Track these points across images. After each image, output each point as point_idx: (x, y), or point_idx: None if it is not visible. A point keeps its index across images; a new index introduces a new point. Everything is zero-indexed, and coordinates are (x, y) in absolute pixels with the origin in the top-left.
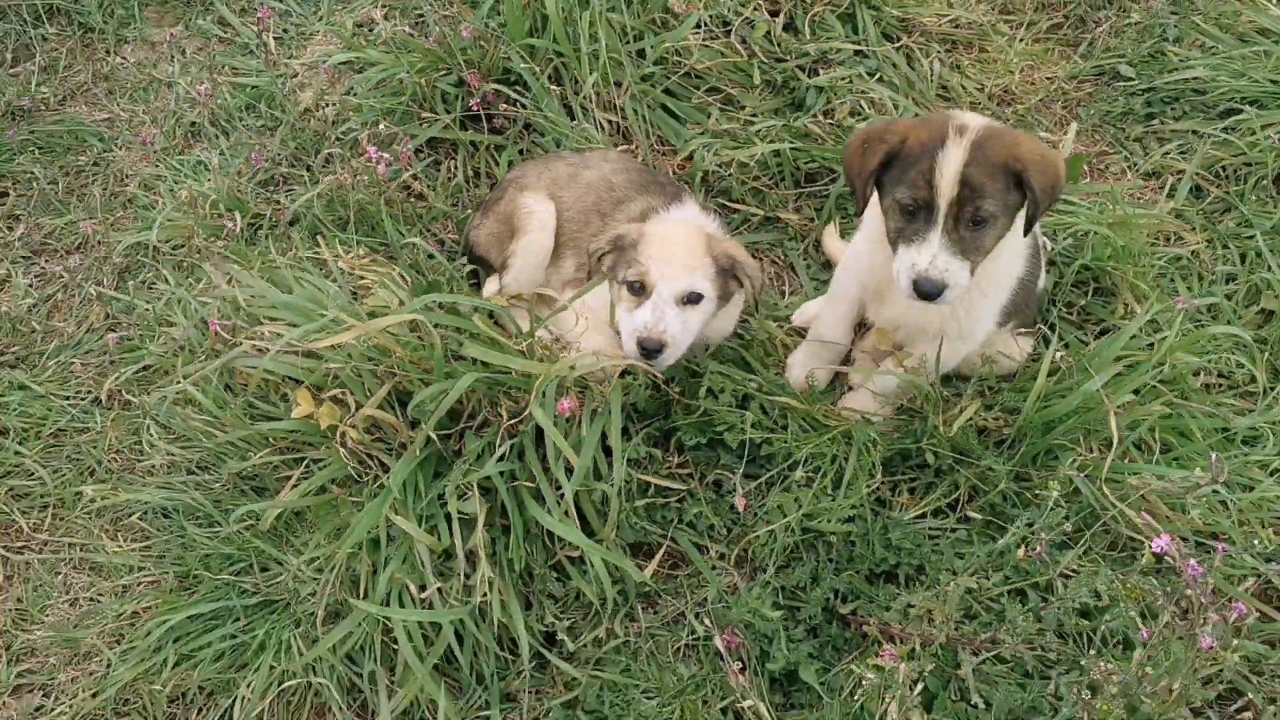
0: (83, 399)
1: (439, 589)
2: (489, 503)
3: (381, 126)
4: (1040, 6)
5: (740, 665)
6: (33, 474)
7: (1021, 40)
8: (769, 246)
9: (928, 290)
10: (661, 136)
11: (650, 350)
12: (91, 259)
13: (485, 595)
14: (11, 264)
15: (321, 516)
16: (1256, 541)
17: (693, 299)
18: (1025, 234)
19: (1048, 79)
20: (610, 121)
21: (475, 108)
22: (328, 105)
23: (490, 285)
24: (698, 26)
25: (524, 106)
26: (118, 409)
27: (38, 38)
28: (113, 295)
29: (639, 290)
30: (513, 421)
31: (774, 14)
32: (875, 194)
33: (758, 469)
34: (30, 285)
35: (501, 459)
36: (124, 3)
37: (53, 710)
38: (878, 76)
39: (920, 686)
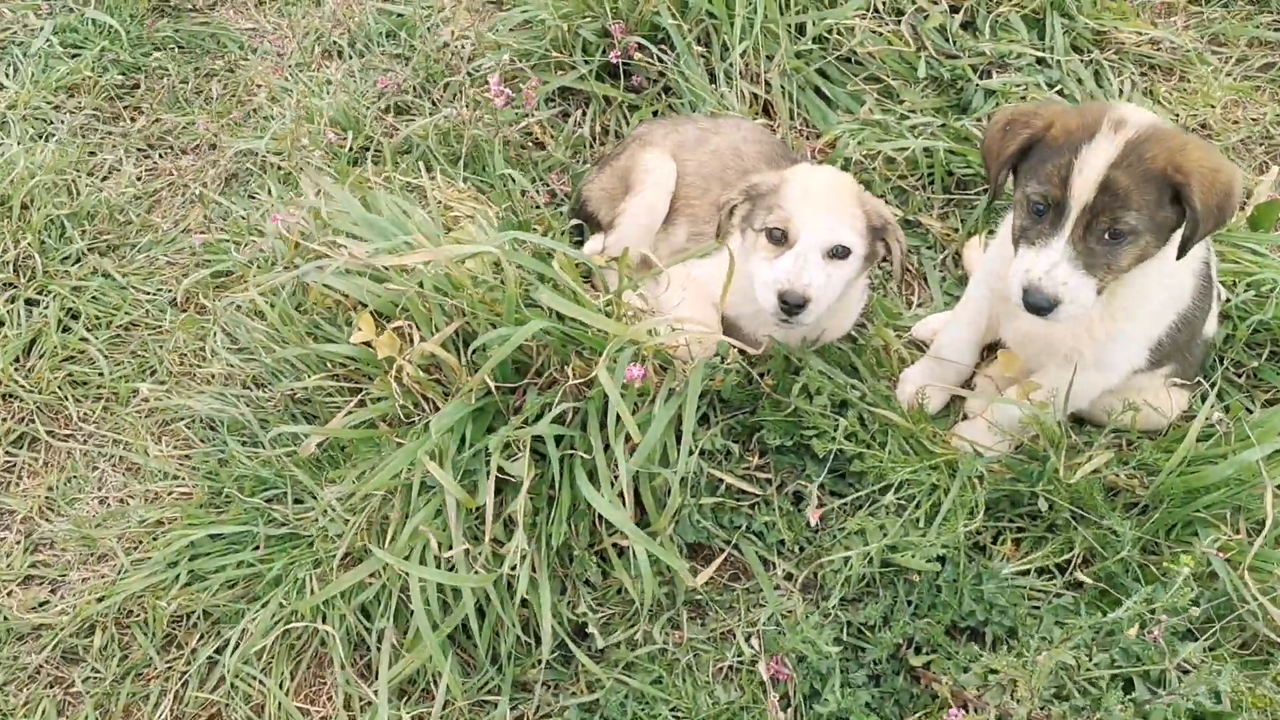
0: (161, 297)
1: (466, 550)
2: (538, 469)
3: (508, 58)
4: (1256, 42)
5: (785, 701)
6: (94, 363)
7: (1229, 75)
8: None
9: (1036, 302)
10: (807, 119)
11: (792, 305)
12: (203, 161)
13: (515, 568)
14: (125, 153)
15: (363, 454)
16: None
17: (839, 253)
18: (1179, 257)
19: (1252, 119)
20: (754, 94)
21: (615, 59)
22: (466, 40)
23: (593, 243)
24: (865, 9)
25: (664, 64)
26: (191, 311)
27: None
28: (214, 199)
29: (780, 239)
30: (579, 383)
31: (954, 9)
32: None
33: (844, 486)
34: (139, 177)
35: (559, 421)
36: None
37: (55, 608)
38: (1058, 88)
39: None
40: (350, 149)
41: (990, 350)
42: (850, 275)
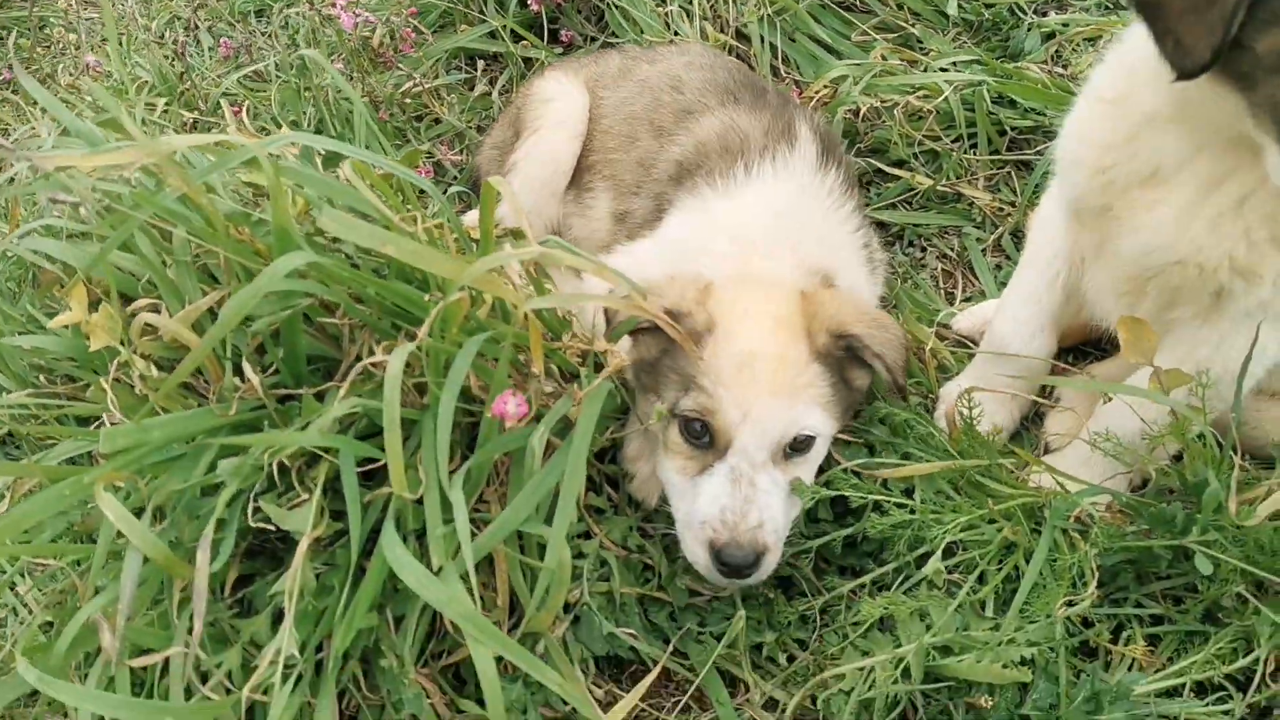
0: None
1: (186, 658)
2: (339, 524)
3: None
4: None
5: None
6: None
7: None
8: (939, 233)
9: None
10: (799, 79)
11: (737, 565)
12: None
13: (269, 692)
14: None
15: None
16: None
17: (800, 445)
18: None
19: None
20: (728, 47)
21: (535, 7)
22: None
23: (473, 215)
24: None
25: (604, 5)
26: None
27: None
28: None
29: (702, 437)
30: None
31: None
32: None
33: (857, 557)
34: None
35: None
36: None
37: None
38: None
39: None
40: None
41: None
42: (821, 457)
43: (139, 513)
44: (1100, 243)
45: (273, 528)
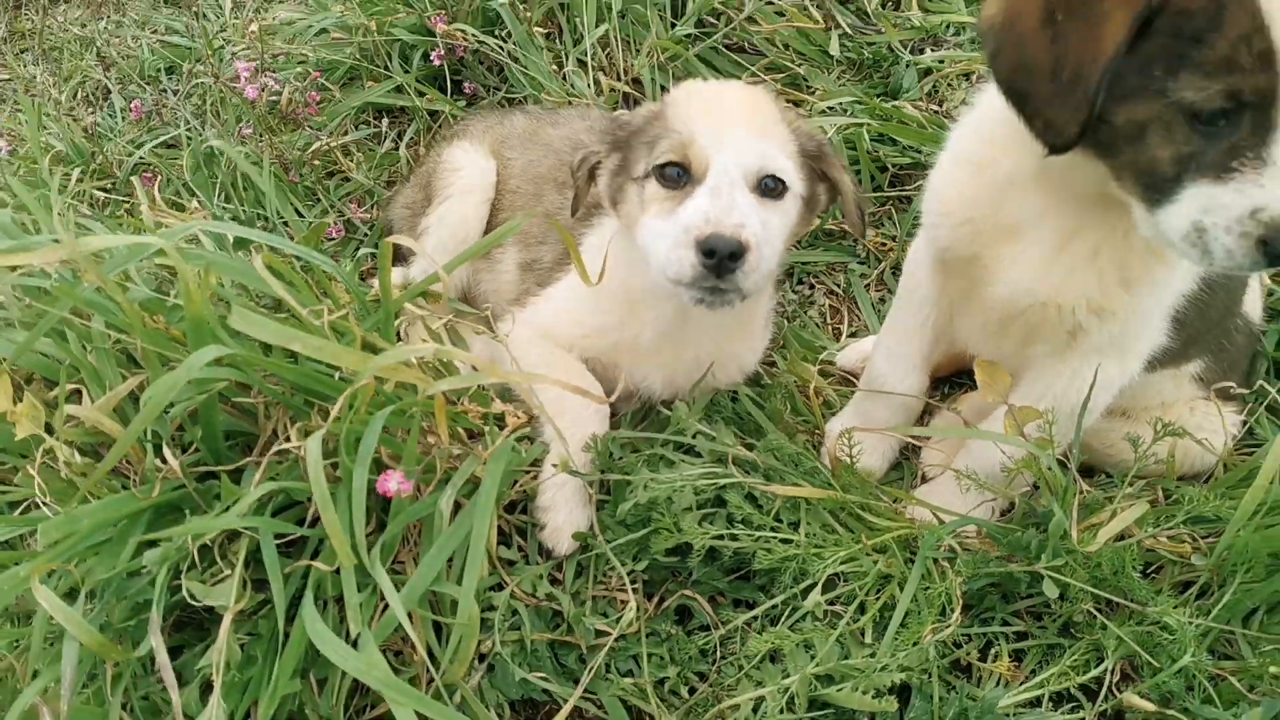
0: None
1: None
2: (262, 595)
3: (254, 29)
4: None
5: None
6: None
7: None
8: (826, 270)
9: None
10: None
11: (722, 256)
12: None
13: None
14: None
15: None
16: None
17: (771, 187)
18: None
19: None
20: (623, 94)
21: (438, 60)
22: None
23: (399, 274)
24: None
25: (502, 56)
26: None
27: None
28: None
29: (679, 178)
30: (298, 446)
31: None
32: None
33: (751, 590)
34: None
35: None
36: None
37: None
38: None
39: None
40: (75, 185)
41: (945, 384)
42: (790, 225)
43: (71, 594)
44: (968, 289)
45: (198, 601)
